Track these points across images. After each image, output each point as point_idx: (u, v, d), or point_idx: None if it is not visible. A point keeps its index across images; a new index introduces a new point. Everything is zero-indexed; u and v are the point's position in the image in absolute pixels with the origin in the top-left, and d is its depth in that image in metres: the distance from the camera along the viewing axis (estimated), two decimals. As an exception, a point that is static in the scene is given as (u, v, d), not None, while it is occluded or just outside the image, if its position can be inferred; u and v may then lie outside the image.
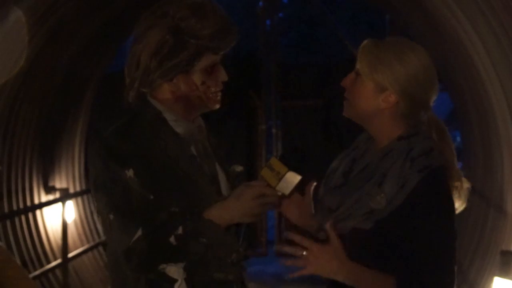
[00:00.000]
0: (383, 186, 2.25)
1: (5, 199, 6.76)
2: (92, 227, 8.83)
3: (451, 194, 2.29)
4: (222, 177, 2.48)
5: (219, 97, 2.45)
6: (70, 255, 7.67)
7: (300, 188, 2.41)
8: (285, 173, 2.32)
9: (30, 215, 7.28)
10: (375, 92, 2.33)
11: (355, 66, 2.37)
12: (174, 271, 2.31)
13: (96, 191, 2.35)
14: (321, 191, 2.48)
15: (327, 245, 2.23)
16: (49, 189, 7.81)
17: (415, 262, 2.21)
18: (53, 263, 7.39)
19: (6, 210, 6.76)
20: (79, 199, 8.61)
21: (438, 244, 2.22)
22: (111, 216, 2.31)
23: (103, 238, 8.63)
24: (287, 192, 2.35)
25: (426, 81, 2.32)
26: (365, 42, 2.37)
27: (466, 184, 2.35)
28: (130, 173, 2.29)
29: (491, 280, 5.32)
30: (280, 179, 2.32)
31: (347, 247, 2.25)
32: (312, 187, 2.50)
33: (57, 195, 7.79)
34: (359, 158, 2.42)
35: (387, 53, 2.32)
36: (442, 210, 2.25)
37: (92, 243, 8.58)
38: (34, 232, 7.30)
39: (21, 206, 7.11)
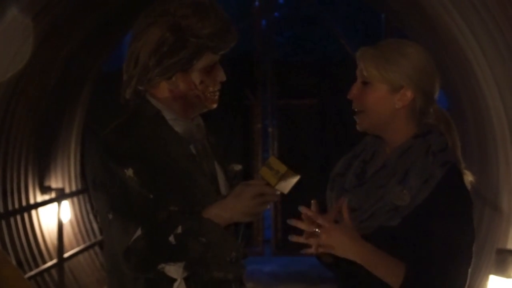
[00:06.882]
0: (406, 182, 2.28)
1: (0, 199, 6.74)
2: (88, 227, 8.81)
3: (467, 187, 2.35)
4: (221, 176, 2.48)
5: (216, 97, 2.46)
6: (66, 255, 7.65)
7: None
8: (284, 172, 2.32)
9: (26, 215, 7.25)
10: (389, 93, 2.34)
11: (358, 77, 2.37)
12: (174, 270, 2.30)
13: (94, 191, 2.35)
14: (328, 195, 2.48)
15: (339, 223, 2.24)
16: (44, 189, 7.79)
17: (433, 252, 2.23)
18: (49, 263, 7.37)
19: (1, 210, 6.73)
20: (75, 199, 8.58)
21: (460, 237, 2.26)
22: (110, 216, 2.30)
23: (99, 238, 8.62)
24: (286, 191, 2.35)
25: (433, 72, 2.37)
26: (362, 49, 2.38)
27: (469, 177, 2.39)
28: (129, 172, 2.29)
29: (487, 278, 5.33)
30: (279, 178, 2.32)
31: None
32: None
33: (53, 195, 7.77)
34: (370, 159, 2.43)
35: (391, 52, 2.34)
36: (465, 203, 2.30)
37: (88, 243, 8.55)
38: (29, 232, 7.27)
39: (17, 206, 7.08)
